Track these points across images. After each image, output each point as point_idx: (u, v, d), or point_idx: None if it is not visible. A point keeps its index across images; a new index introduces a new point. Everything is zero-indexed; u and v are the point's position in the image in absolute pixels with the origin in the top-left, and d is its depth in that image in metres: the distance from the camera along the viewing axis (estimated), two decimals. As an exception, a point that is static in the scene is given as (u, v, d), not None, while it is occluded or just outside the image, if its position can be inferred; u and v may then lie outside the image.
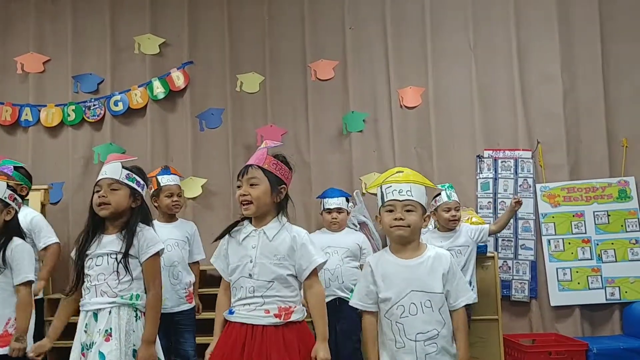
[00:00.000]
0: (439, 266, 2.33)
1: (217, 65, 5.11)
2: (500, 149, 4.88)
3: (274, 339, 2.35)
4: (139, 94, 5.03)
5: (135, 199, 2.64)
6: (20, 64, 5.11)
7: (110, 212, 2.57)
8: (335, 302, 4.05)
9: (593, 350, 4.13)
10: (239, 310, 2.44)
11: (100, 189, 2.59)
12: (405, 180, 2.36)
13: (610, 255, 4.68)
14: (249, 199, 2.44)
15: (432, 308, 2.28)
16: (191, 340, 3.86)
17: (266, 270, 2.41)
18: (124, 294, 2.52)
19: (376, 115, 5.00)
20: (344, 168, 4.98)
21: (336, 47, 5.07)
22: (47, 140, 5.09)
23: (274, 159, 2.52)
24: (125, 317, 2.50)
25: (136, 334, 2.52)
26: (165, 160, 4.98)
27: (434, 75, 4.96)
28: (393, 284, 2.33)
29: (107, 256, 2.54)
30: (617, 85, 4.87)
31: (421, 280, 2.30)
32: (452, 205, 4.04)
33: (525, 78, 4.89)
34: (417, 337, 2.26)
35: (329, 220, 4.20)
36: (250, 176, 2.47)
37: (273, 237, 2.45)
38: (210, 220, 4.79)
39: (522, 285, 4.73)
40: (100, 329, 2.47)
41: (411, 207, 2.33)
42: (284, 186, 2.52)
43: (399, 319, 2.29)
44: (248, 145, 5.00)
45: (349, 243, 4.15)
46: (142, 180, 2.69)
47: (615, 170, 4.80)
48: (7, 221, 2.96)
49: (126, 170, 2.64)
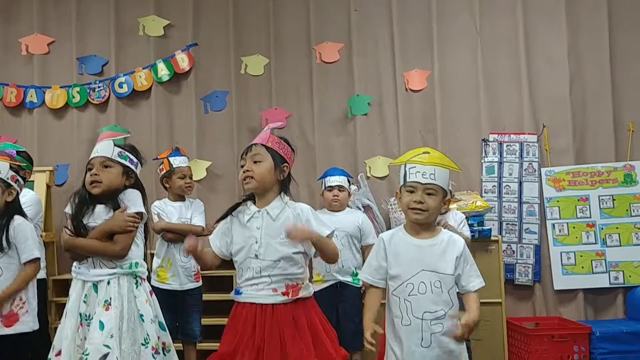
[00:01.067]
0: (453, 250, 2.32)
1: (221, 48, 5.09)
2: (506, 132, 4.86)
3: (284, 316, 2.37)
4: (143, 76, 5.03)
5: (129, 177, 2.63)
6: (24, 45, 5.11)
7: (102, 190, 2.56)
8: (337, 285, 4.06)
9: (596, 334, 4.14)
10: (247, 290, 2.45)
11: (93, 167, 2.58)
12: (430, 162, 2.32)
13: (614, 240, 4.67)
14: (251, 174, 2.45)
15: (442, 289, 2.28)
16: (197, 320, 3.90)
17: (272, 250, 2.42)
18: (123, 264, 2.53)
19: (381, 99, 4.98)
20: (348, 151, 4.97)
21: (341, 29, 5.04)
22: (52, 122, 5.10)
23: (278, 138, 2.54)
24: (125, 285, 2.52)
25: (139, 299, 2.54)
26: (171, 142, 4.98)
27: (440, 58, 4.93)
28: (404, 261, 2.32)
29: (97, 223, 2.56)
30: (623, 69, 4.83)
31: (433, 261, 2.30)
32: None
33: (532, 62, 4.85)
34: (424, 315, 2.26)
35: (330, 198, 4.14)
36: (254, 153, 2.48)
37: (277, 217, 2.46)
38: (214, 202, 4.78)
39: (525, 269, 4.73)
40: (100, 299, 2.48)
41: (432, 190, 2.30)
42: (286, 165, 2.52)
43: (408, 297, 2.29)
44: (252, 128, 4.99)
45: (348, 226, 4.12)
46: (135, 158, 2.66)
47: (621, 155, 4.78)
48: (8, 202, 2.96)
49: (118, 148, 2.62)
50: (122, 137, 2.73)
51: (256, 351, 2.34)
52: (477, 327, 2.32)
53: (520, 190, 4.82)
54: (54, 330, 4.17)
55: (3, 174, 2.95)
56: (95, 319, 2.44)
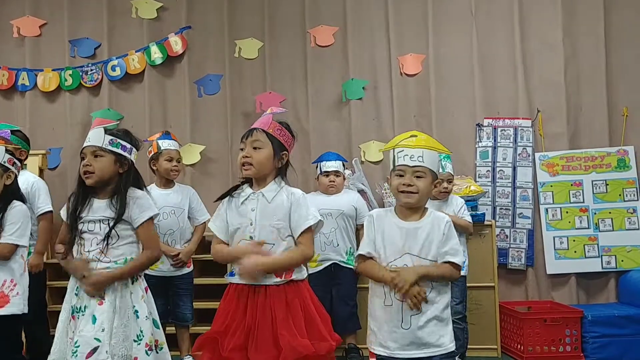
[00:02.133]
0: (438, 230, 2.33)
1: (215, 31, 5.06)
2: (500, 117, 4.86)
3: (276, 298, 2.37)
4: (136, 59, 4.99)
5: (122, 164, 2.59)
6: (16, 27, 5.06)
7: (95, 180, 2.53)
8: (331, 267, 4.07)
9: (588, 318, 4.17)
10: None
11: (85, 157, 2.55)
12: (418, 145, 2.34)
13: (607, 224, 4.69)
14: (249, 161, 2.44)
15: None
16: (188, 304, 3.90)
17: (266, 232, 2.42)
18: (118, 259, 2.52)
19: (376, 83, 4.96)
20: (343, 136, 4.96)
21: (336, 12, 5.01)
22: (45, 105, 5.07)
23: (279, 124, 2.52)
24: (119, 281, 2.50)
25: (134, 295, 2.53)
26: (164, 126, 4.96)
27: (435, 42, 4.90)
28: (389, 243, 2.35)
29: (99, 222, 2.52)
30: (618, 53, 4.82)
31: (416, 245, 2.32)
32: (445, 177, 3.88)
33: (526, 45, 4.84)
34: (404, 297, 2.28)
35: (327, 183, 4.16)
36: (255, 139, 2.46)
37: (272, 199, 2.46)
38: (208, 186, 4.78)
39: (518, 253, 4.76)
40: None
41: (421, 173, 2.32)
42: (285, 152, 2.51)
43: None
44: (246, 112, 4.97)
45: (343, 205, 4.13)
46: (128, 144, 2.61)
47: (615, 140, 4.78)
48: (7, 185, 2.95)
49: (110, 135, 2.57)
50: (113, 124, 2.67)
51: (247, 331, 2.35)
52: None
53: (514, 175, 4.82)
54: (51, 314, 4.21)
55: (0, 157, 2.94)
56: (87, 313, 2.43)
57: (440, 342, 2.30)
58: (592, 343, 4.14)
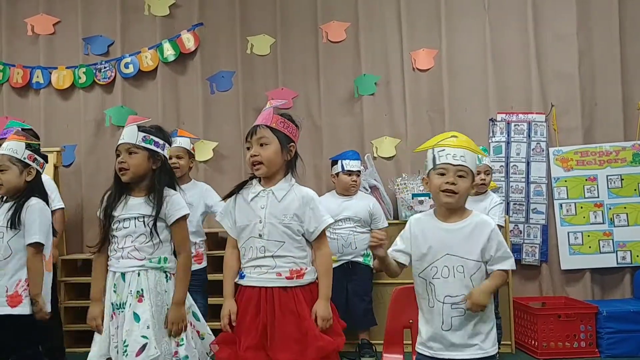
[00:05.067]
0: (480, 234, 2.27)
1: (227, 27, 5.06)
2: (514, 112, 4.83)
3: (287, 300, 2.38)
4: (149, 56, 5.01)
5: (155, 160, 2.62)
6: (30, 25, 5.09)
7: (130, 177, 2.57)
8: (348, 264, 4.07)
9: (603, 313, 4.14)
10: (250, 273, 2.45)
11: (120, 154, 2.59)
12: (460, 145, 2.31)
13: (622, 220, 4.65)
14: (259, 159, 2.44)
15: (464, 274, 2.26)
16: (200, 300, 3.89)
17: (276, 230, 2.43)
18: (153, 257, 2.54)
19: (388, 78, 4.94)
20: (355, 131, 4.95)
21: (348, 8, 4.99)
22: (59, 102, 5.10)
23: (281, 117, 2.51)
24: (153, 279, 2.52)
25: (168, 294, 2.55)
26: (177, 123, 4.98)
27: (447, 36, 4.88)
28: (430, 244, 2.31)
29: (134, 219, 2.54)
30: (633, 46, 4.78)
31: (458, 245, 2.27)
32: (482, 169, 3.94)
33: (540, 38, 4.80)
34: (445, 299, 2.26)
35: (349, 182, 4.14)
36: (260, 136, 2.46)
37: (282, 198, 2.46)
38: (221, 183, 4.76)
39: (532, 249, 4.73)
40: (131, 290, 2.49)
41: (464, 172, 2.28)
42: (293, 144, 2.51)
43: (432, 280, 2.28)
44: (259, 108, 4.85)
45: (360, 211, 4.13)
46: (161, 140, 2.65)
47: (630, 134, 4.74)
48: (28, 181, 2.97)
49: (143, 132, 2.61)
50: (146, 120, 2.72)
51: (262, 330, 2.36)
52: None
53: (527, 170, 4.80)
54: (64, 309, 4.25)
55: (19, 154, 2.95)
56: (129, 311, 2.46)
57: (481, 345, 2.25)
58: (607, 339, 4.11)
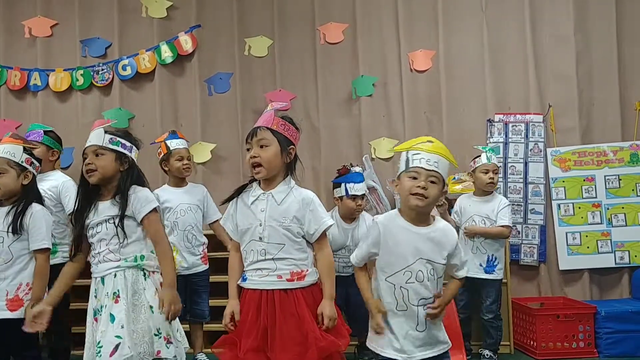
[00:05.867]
0: (446, 239, 2.36)
1: (225, 29, 5.06)
2: (511, 112, 4.84)
3: (287, 302, 2.39)
4: (147, 58, 5.00)
5: (122, 162, 2.64)
6: (28, 28, 5.08)
7: (99, 178, 2.59)
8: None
9: (601, 314, 4.15)
10: (252, 276, 2.47)
11: (87, 156, 2.62)
12: (435, 151, 2.32)
13: (620, 220, 4.66)
14: (259, 161, 2.44)
15: (435, 276, 2.33)
16: (206, 300, 3.96)
17: (276, 233, 2.44)
18: (128, 257, 2.56)
19: (386, 79, 4.95)
20: (353, 133, 4.95)
21: (345, 9, 4.99)
22: (56, 104, 5.09)
23: (282, 119, 2.52)
24: (130, 278, 2.54)
25: (148, 291, 2.56)
26: (175, 125, 4.97)
27: (445, 37, 4.88)
28: (401, 249, 2.33)
29: (105, 222, 2.57)
30: (631, 47, 4.79)
31: (429, 250, 2.32)
32: (491, 168, 4.01)
33: (538, 39, 4.81)
34: (420, 302, 2.31)
35: (354, 207, 3.89)
36: (260, 137, 2.46)
37: (282, 201, 2.47)
38: (219, 185, 4.78)
39: (531, 249, 4.73)
40: (108, 292, 2.51)
41: (435, 178, 2.30)
42: (292, 147, 2.52)
43: (405, 284, 2.31)
44: (257, 110, 4.97)
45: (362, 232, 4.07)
46: (128, 143, 2.68)
47: (627, 134, 4.75)
48: (24, 185, 2.97)
49: (109, 135, 2.64)
50: (109, 123, 2.76)
51: (263, 332, 2.36)
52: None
53: (525, 171, 4.80)
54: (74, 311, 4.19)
55: (17, 157, 2.96)
56: (105, 312, 2.48)
57: (445, 338, 2.39)
58: (606, 339, 4.12)
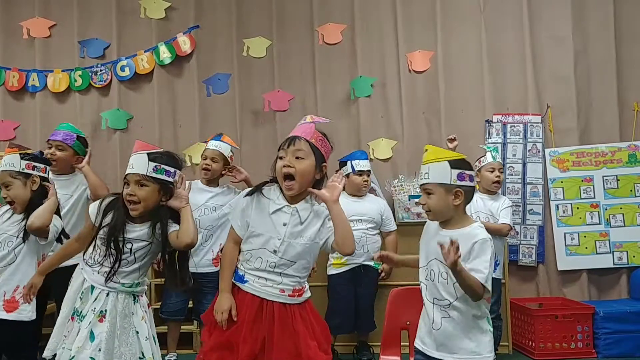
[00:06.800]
0: (464, 244, 2.24)
1: (223, 30, 5.06)
2: (510, 113, 4.84)
3: (285, 316, 2.35)
4: (145, 59, 5.00)
5: (165, 193, 2.45)
6: (26, 28, 5.08)
7: (140, 211, 2.43)
8: (360, 268, 4.07)
9: (600, 314, 4.15)
10: (253, 281, 2.38)
11: (129, 184, 2.43)
12: (425, 160, 2.33)
13: (618, 220, 4.67)
14: (292, 172, 2.31)
15: (447, 280, 2.28)
16: (211, 302, 3.91)
17: (293, 250, 2.35)
18: (126, 282, 2.46)
19: (384, 80, 4.95)
20: (351, 133, 4.96)
21: (344, 10, 5.00)
22: (55, 105, 5.09)
23: (320, 134, 2.41)
24: (122, 302, 2.46)
25: (136, 316, 2.48)
26: (173, 125, 4.98)
27: (443, 38, 4.89)
28: (426, 248, 2.40)
29: (130, 242, 2.44)
30: (629, 47, 4.81)
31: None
32: (497, 166, 4.05)
33: (536, 40, 4.82)
34: (434, 300, 2.32)
35: (360, 183, 4.09)
36: (297, 148, 2.33)
37: (305, 219, 2.38)
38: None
39: (529, 249, 4.74)
40: (95, 307, 2.41)
41: (429, 190, 2.31)
42: (325, 165, 2.41)
43: (424, 280, 2.37)
44: (255, 111, 4.98)
45: (372, 213, 4.11)
46: (172, 169, 2.47)
47: (625, 135, 4.76)
48: (34, 191, 2.96)
49: (154, 162, 2.42)
50: (158, 150, 2.51)
51: (261, 341, 2.31)
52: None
53: (524, 171, 4.81)
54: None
55: (17, 166, 2.94)
56: (86, 327, 2.39)
57: (467, 351, 2.26)
58: (604, 339, 4.13)
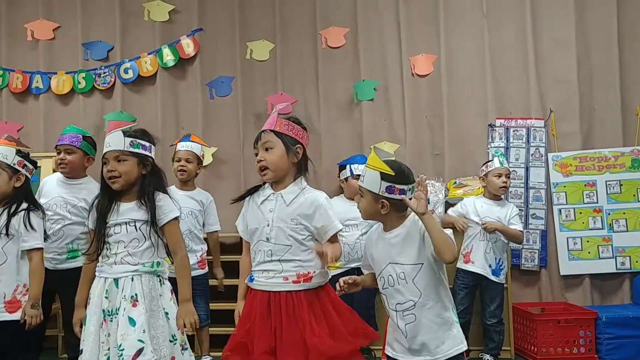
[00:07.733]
0: (415, 234, 2.29)
1: (226, 33, 5.07)
2: (512, 117, 4.84)
3: (292, 305, 2.39)
4: (148, 61, 5.01)
5: (145, 165, 2.61)
6: (30, 30, 5.10)
7: (122, 184, 2.56)
8: (354, 271, 4.06)
9: (602, 319, 4.14)
10: (259, 277, 2.47)
11: (107, 162, 2.56)
12: (366, 163, 2.39)
13: (621, 225, 4.66)
14: (264, 164, 2.47)
15: (406, 279, 2.29)
16: (202, 304, 3.90)
17: (283, 234, 2.44)
18: (146, 262, 2.54)
19: (387, 84, 4.95)
20: (354, 137, 4.96)
21: (347, 13, 5.00)
22: (58, 107, 5.10)
23: (286, 120, 2.53)
24: (147, 283, 2.52)
25: (164, 297, 2.56)
26: (176, 128, 4.99)
27: (446, 42, 4.89)
28: (376, 256, 2.40)
29: (126, 225, 2.54)
30: (631, 51, 4.79)
31: (394, 253, 2.32)
32: (504, 172, 4.06)
33: (538, 44, 4.82)
34: (397, 307, 2.32)
35: (357, 187, 4.12)
36: (264, 140, 2.49)
37: (291, 202, 2.47)
38: (220, 188, 4.78)
39: (532, 254, 4.73)
40: (125, 295, 2.48)
41: (362, 192, 2.39)
42: (299, 146, 2.52)
43: (382, 290, 2.37)
44: (258, 114, 4.98)
45: None
46: (147, 143, 2.63)
47: (628, 139, 4.75)
48: (17, 187, 2.97)
49: (129, 137, 2.58)
50: (130, 125, 2.68)
51: (273, 334, 2.36)
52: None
53: (526, 176, 4.80)
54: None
55: (9, 159, 2.96)
56: (123, 315, 2.45)
57: (439, 349, 2.27)
58: (607, 344, 4.12)
